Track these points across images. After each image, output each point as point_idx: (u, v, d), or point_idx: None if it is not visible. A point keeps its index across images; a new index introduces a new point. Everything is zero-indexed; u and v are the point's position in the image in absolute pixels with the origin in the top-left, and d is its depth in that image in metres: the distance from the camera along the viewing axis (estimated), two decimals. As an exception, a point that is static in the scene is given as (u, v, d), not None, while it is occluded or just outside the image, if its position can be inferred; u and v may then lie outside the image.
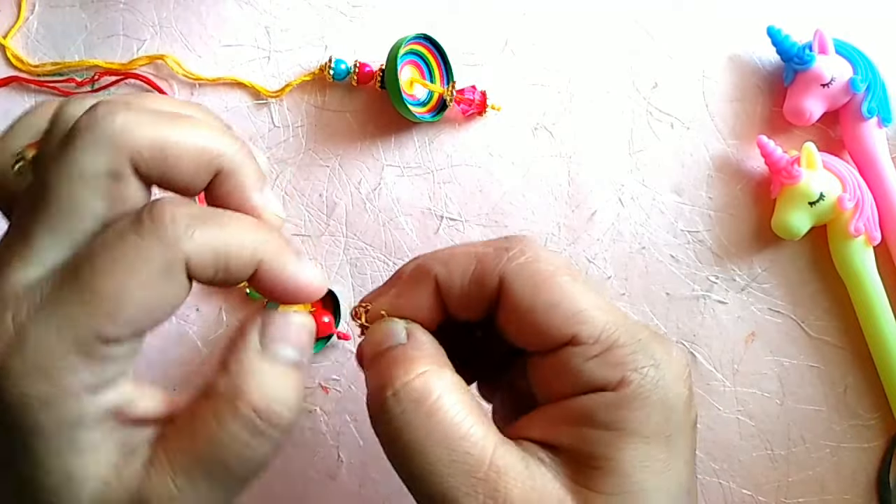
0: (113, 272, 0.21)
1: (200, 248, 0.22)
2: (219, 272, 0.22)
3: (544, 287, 0.24)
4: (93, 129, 0.21)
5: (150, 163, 0.22)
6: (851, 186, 0.38)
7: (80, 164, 0.21)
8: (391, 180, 0.40)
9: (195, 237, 0.22)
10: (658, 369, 0.24)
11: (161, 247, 0.21)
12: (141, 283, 0.21)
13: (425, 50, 0.39)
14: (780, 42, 0.40)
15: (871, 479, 0.39)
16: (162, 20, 0.41)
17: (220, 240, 0.22)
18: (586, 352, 0.24)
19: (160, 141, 0.22)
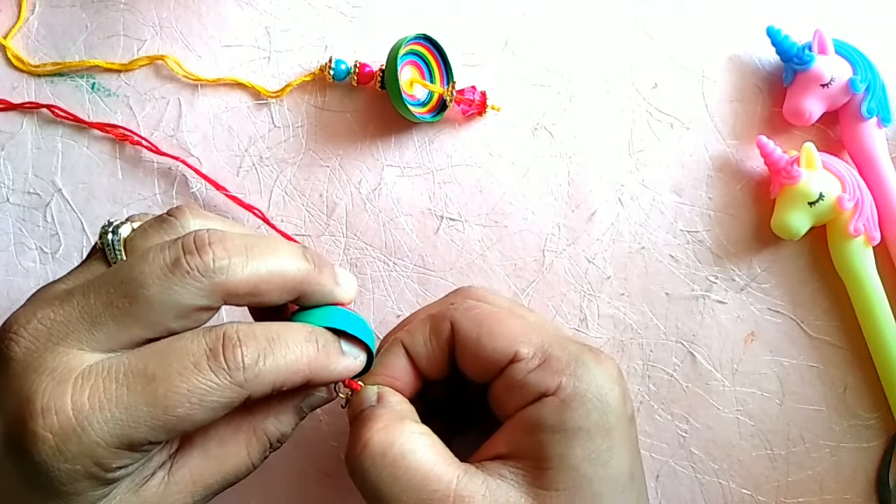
0: (185, 399, 0.24)
1: (263, 385, 0.25)
2: (274, 390, 0.26)
3: (485, 321, 0.29)
4: (203, 272, 0.24)
5: (243, 297, 0.25)
6: (851, 186, 0.38)
7: (180, 298, 0.24)
8: (391, 180, 0.40)
9: (259, 376, 0.25)
10: (590, 372, 0.27)
11: (232, 387, 0.24)
12: (206, 412, 0.24)
13: (425, 50, 0.39)
14: (780, 42, 0.40)
15: (871, 478, 0.39)
16: (162, 20, 0.41)
17: (280, 372, 0.25)
18: (527, 366, 0.28)
19: (255, 279, 0.25)
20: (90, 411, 0.23)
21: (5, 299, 0.39)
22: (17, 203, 0.39)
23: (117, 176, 0.40)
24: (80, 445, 0.22)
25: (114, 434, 0.23)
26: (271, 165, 0.40)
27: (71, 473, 0.23)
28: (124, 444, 0.23)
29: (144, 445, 0.24)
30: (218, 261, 0.24)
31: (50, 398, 0.23)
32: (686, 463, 0.39)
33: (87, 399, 0.23)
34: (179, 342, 0.24)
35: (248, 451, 0.28)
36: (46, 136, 0.40)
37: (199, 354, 0.24)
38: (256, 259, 0.25)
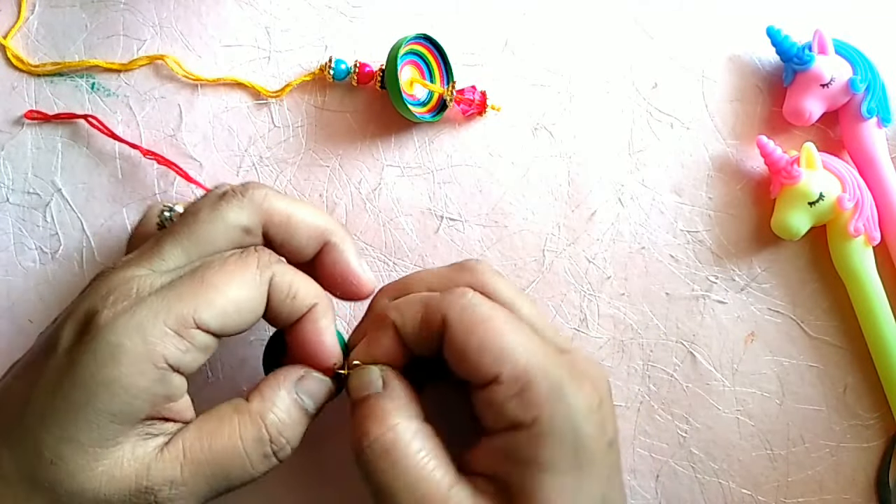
0: (219, 273, 0.28)
1: (283, 275, 0.29)
2: (287, 298, 0.29)
3: (476, 330, 0.28)
4: (244, 193, 0.30)
5: (277, 227, 0.30)
6: (851, 186, 0.38)
7: (227, 214, 0.29)
8: (391, 180, 0.40)
9: (280, 267, 0.29)
10: (568, 405, 0.27)
11: (257, 263, 0.28)
12: (237, 283, 0.28)
13: (425, 50, 0.39)
14: (780, 42, 0.40)
15: (871, 479, 0.39)
16: (162, 20, 0.41)
17: (296, 277, 0.29)
18: (507, 390, 0.27)
19: (288, 213, 0.30)
20: (146, 295, 0.27)
21: (5, 299, 0.39)
22: (16, 203, 0.39)
23: (117, 176, 0.40)
24: (133, 321, 0.26)
25: (162, 309, 0.26)
26: (271, 165, 0.40)
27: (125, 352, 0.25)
28: (172, 322, 0.26)
29: (189, 325, 0.26)
30: (258, 191, 0.30)
31: (118, 291, 0.27)
32: (686, 463, 0.39)
33: (146, 288, 0.27)
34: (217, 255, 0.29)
35: (242, 435, 0.28)
36: (46, 136, 0.40)
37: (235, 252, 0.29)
38: (294, 202, 0.30)
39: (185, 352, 0.27)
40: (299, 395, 0.29)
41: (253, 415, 0.28)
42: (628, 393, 0.39)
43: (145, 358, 0.26)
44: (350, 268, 0.31)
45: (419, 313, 0.29)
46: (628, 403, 0.39)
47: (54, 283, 0.39)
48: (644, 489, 0.38)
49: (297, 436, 0.29)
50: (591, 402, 0.28)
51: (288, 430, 0.29)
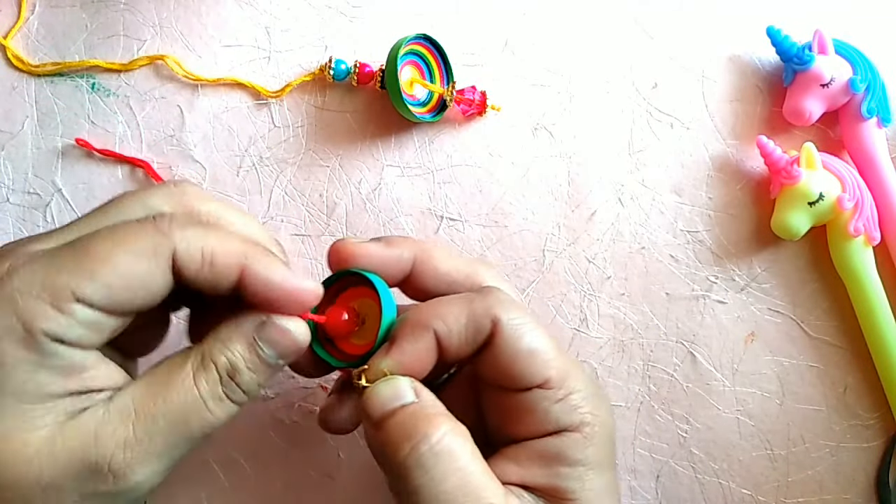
0: (106, 241, 0.24)
1: (190, 242, 0.25)
2: (204, 266, 0.25)
3: (528, 335, 0.28)
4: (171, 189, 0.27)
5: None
6: (851, 186, 0.38)
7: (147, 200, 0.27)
8: (391, 180, 0.40)
9: (187, 232, 0.25)
10: (603, 408, 0.29)
11: (154, 232, 0.24)
12: (126, 255, 0.24)
13: (425, 50, 0.39)
14: (780, 42, 0.40)
15: (871, 479, 0.39)
16: (162, 20, 0.41)
17: (209, 239, 0.25)
18: (554, 395, 0.27)
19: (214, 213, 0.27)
20: (21, 265, 0.24)
21: (5, 299, 0.39)
22: (17, 203, 0.39)
23: (117, 176, 0.40)
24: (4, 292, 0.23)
25: (36, 280, 0.23)
26: (271, 165, 0.40)
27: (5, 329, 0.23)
28: (47, 295, 0.23)
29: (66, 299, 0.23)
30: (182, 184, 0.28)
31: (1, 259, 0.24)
32: (686, 463, 0.39)
33: (27, 256, 0.24)
34: None
35: (196, 381, 0.25)
36: (46, 136, 0.40)
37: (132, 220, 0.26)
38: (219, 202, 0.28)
39: (68, 327, 0.23)
40: (258, 342, 0.26)
41: (206, 359, 0.26)
42: (628, 393, 0.39)
43: (21, 332, 0.23)
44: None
45: (463, 317, 0.27)
46: (628, 403, 0.39)
47: (54, 283, 0.39)
48: (644, 489, 0.38)
49: (253, 384, 0.26)
50: (609, 404, 0.30)
51: (242, 376, 0.26)
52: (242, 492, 0.38)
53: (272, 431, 0.38)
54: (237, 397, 0.26)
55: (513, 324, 0.27)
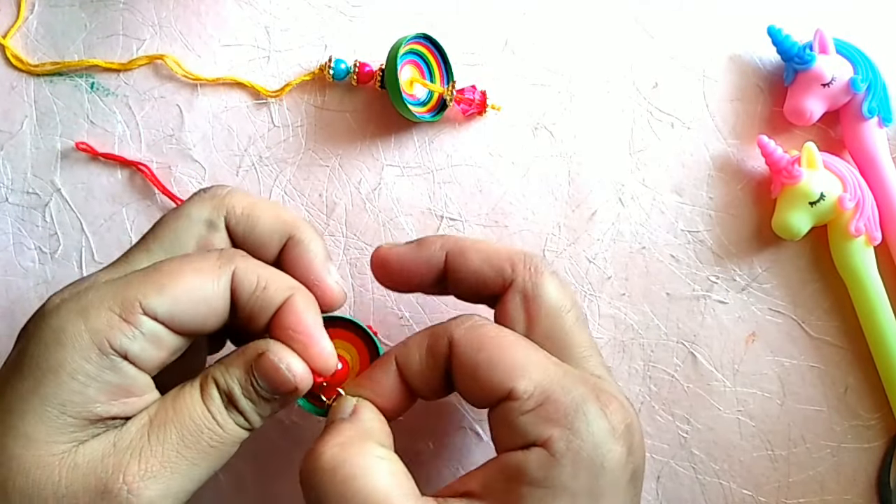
0: (177, 261, 0.26)
1: (248, 267, 0.27)
2: (258, 290, 0.26)
3: (486, 345, 0.27)
4: (205, 191, 0.29)
5: (238, 219, 0.28)
6: (852, 186, 0.38)
7: (189, 209, 0.28)
8: (391, 180, 0.40)
9: (247, 261, 0.27)
10: (590, 427, 0.25)
11: (217, 255, 0.27)
12: (192, 273, 0.26)
13: (425, 50, 0.39)
14: (781, 42, 0.39)
15: (872, 479, 0.39)
16: (161, 20, 0.41)
17: (265, 270, 0.27)
18: (521, 406, 0.25)
19: (250, 206, 0.29)
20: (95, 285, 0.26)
21: (4, 299, 0.39)
22: (16, 203, 0.39)
23: (116, 176, 0.40)
24: (77, 305, 0.25)
25: (108, 293, 0.25)
26: (271, 165, 0.40)
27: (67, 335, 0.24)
28: (117, 306, 0.25)
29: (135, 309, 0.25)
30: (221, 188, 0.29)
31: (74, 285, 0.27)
32: (687, 464, 0.38)
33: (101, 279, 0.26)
34: None
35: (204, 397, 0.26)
36: (45, 136, 0.40)
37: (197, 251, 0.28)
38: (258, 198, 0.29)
39: (133, 339, 0.25)
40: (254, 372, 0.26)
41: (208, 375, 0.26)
42: (629, 393, 0.39)
43: (88, 341, 0.24)
44: (313, 266, 0.28)
45: (424, 342, 0.28)
46: (629, 404, 0.39)
47: (54, 283, 0.39)
48: (645, 490, 0.38)
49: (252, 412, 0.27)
50: (617, 426, 0.25)
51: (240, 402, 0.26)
52: (242, 492, 0.38)
53: (272, 432, 0.38)
54: (240, 421, 0.27)
55: (468, 336, 0.27)
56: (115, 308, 0.25)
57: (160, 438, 0.25)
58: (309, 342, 0.26)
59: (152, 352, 0.25)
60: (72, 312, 0.25)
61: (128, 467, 0.24)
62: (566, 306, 0.29)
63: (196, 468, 0.26)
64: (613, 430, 0.25)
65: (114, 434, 0.25)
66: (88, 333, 0.24)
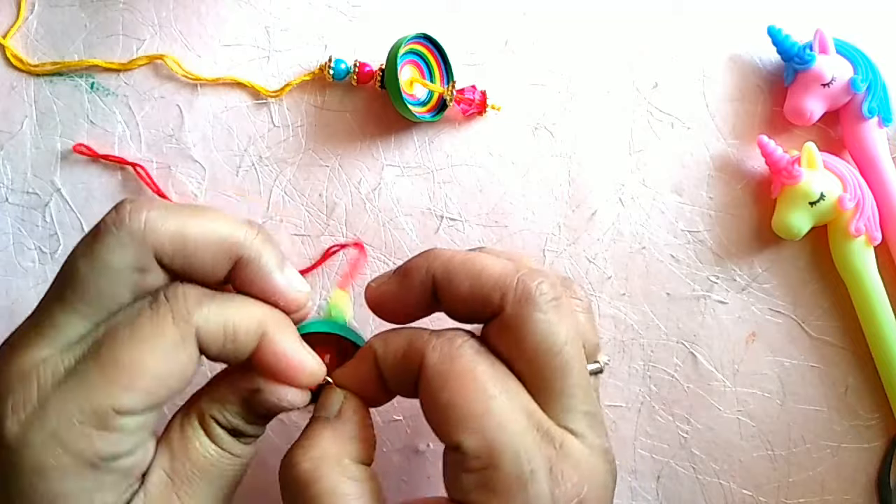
0: (131, 345, 0.23)
1: (210, 320, 0.24)
2: (227, 343, 0.25)
3: (449, 385, 0.24)
4: (119, 226, 0.24)
5: (172, 255, 0.24)
6: (852, 186, 0.38)
7: (108, 260, 0.24)
8: (391, 180, 0.40)
9: (205, 311, 0.24)
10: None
11: (174, 321, 0.24)
12: (155, 354, 0.23)
13: (425, 50, 0.39)
14: (781, 42, 0.39)
15: (872, 479, 0.39)
16: (161, 20, 0.41)
17: (228, 313, 0.25)
18: (466, 463, 0.24)
19: (180, 235, 0.24)
20: (50, 391, 0.23)
21: (4, 299, 0.39)
22: (16, 203, 0.39)
23: (116, 176, 0.40)
24: (44, 431, 0.22)
25: (75, 408, 0.23)
26: (271, 165, 0.40)
27: (51, 469, 0.22)
28: (89, 420, 0.23)
29: (111, 417, 0.23)
30: (136, 216, 0.24)
31: (18, 391, 0.23)
32: (687, 464, 0.38)
33: (48, 380, 0.23)
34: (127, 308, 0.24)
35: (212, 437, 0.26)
36: (45, 136, 0.40)
37: (142, 306, 0.24)
38: (183, 215, 0.25)
39: (120, 442, 0.23)
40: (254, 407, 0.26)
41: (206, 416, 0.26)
42: (629, 394, 0.39)
43: (74, 467, 0.23)
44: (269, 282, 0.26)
45: (402, 349, 0.26)
46: (629, 404, 0.39)
47: (53, 284, 0.39)
48: (645, 490, 0.38)
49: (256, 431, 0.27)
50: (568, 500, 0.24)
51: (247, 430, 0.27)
52: (241, 492, 0.38)
53: (271, 432, 0.38)
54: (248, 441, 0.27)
55: (436, 369, 0.25)
56: (88, 423, 0.23)
57: (190, 493, 0.25)
58: (295, 372, 0.26)
59: (142, 436, 0.24)
60: (44, 441, 0.22)
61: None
62: (555, 345, 0.25)
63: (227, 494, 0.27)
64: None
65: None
66: (72, 459, 0.23)
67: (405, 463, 0.38)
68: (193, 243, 0.24)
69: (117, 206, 0.24)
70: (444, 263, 0.26)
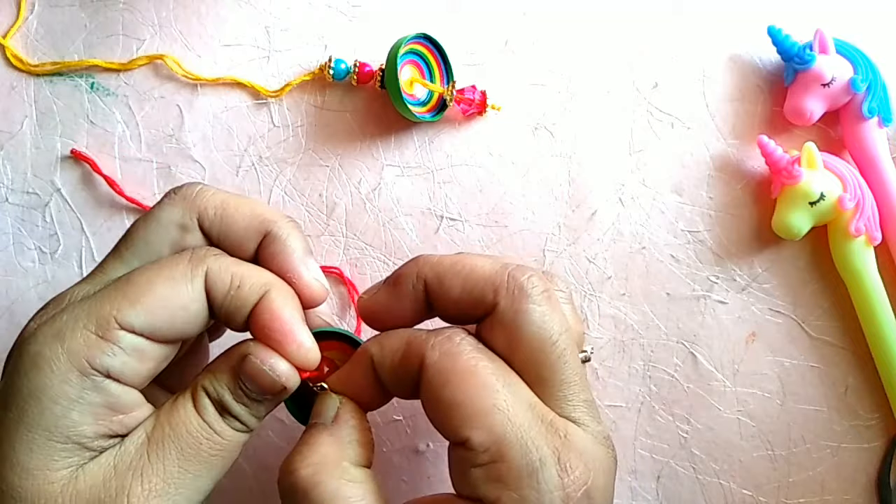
0: (145, 271, 0.26)
1: (221, 267, 0.26)
2: (231, 290, 0.26)
3: (451, 382, 0.25)
4: (175, 192, 0.28)
5: (212, 220, 0.27)
6: (852, 186, 0.38)
7: (159, 215, 0.27)
8: (391, 180, 0.40)
9: (219, 260, 0.26)
10: (541, 495, 0.23)
11: (188, 258, 0.26)
12: (165, 279, 0.25)
13: (425, 50, 0.39)
14: (781, 42, 0.39)
15: (872, 479, 0.39)
16: (161, 20, 0.41)
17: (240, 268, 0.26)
18: (474, 458, 0.24)
19: (222, 204, 0.28)
20: (72, 305, 0.25)
21: (4, 299, 0.39)
22: (16, 203, 0.39)
23: (116, 176, 0.40)
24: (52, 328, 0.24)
25: (83, 313, 0.25)
26: (271, 165, 0.40)
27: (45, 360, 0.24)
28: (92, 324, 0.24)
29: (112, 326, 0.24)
30: (191, 187, 0.28)
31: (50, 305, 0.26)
32: (687, 464, 0.38)
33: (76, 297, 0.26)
34: None
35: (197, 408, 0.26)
36: (45, 136, 0.40)
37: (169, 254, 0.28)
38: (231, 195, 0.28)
39: (113, 355, 0.24)
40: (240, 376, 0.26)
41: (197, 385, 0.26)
42: (629, 393, 0.39)
43: (66, 363, 0.24)
44: (290, 261, 0.27)
45: (400, 350, 0.26)
46: (629, 404, 0.39)
47: (53, 283, 0.39)
48: (645, 490, 0.38)
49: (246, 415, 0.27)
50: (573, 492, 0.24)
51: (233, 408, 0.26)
52: (241, 492, 0.38)
53: (271, 431, 0.38)
54: (237, 426, 0.27)
55: (437, 367, 0.25)
56: (90, 327, 0.24)
57: (160, 456, 0.25)
58: (286, 339, 0.26)
59: (136, 365, 0.25)
60: (48, 336, 0.24)
61: (131, 489, 0.24)
62: (551, 337, 0.26)
63: (200, 479, 0.26)
64: (567, 497, 0.24)
65: (113, 455, 0.25)
66: (66, 355, 0.24)
67: (405, 463, 0.38)
68: (232, 212, 0.27)
69: (179, 185, 0.28)
70: (433, 267, 0.27)
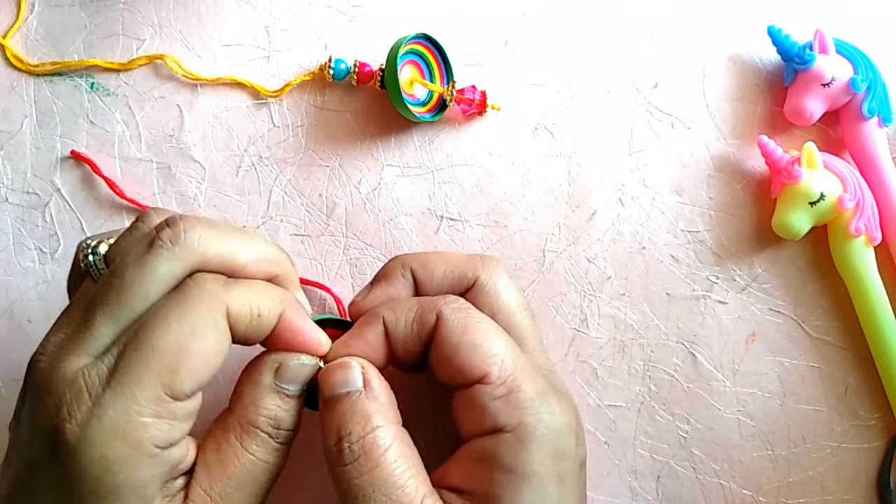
0: (168, 328, 0.25)
1: (238, 301, 0.26)
2: (253, 319, 0.27)
3: (471, 328, 0.28)
4: (175, 242, 0.26)
5: (216, 268, 0.27)
6: (852, 186, 0.38)
7: (157, 268, 0.25)
8: (391, 180, 0.40)
9: (232, 290, 0.26)
10: (553, 415, 0.27)
11: (205, 299, 0.25)
12: (194, 333, 0.25)
13: (425, 50, 0.39)
14: (781, 42, 0.39)
15: (872, 479, 0.39)
16: (161, 20, 0.41)
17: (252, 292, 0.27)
18: (493, 391, 0.27)
19: (228, 254, 0.27)
20: (101, 391, 0.24)
21: (4, 299, 0.39)
22: (16, 203, 0.39)
23: (116, 175, 0.40)
24: (104, 427, 0.24)
25: (128, 400, 0.24)
26: (271, 165, 0.40)
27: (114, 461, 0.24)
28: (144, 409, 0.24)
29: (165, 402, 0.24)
30: (192, 234, 0.26)
31: (69, 400, 0.24)
32: (687, 464, 0.38)
33: (95, 384, 0.24)
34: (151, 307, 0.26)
35: (245, 445, 0.27)
36: (45, 136, 0.40)
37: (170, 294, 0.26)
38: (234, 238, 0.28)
39: (171, 429, 0.25)
40: (280, 387, 0.28)
41: (243, 423, 0.28)
42: (629, 393, 0.39)
43: (135, 456, 0.24)
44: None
45: (413, 310, 0.29)
46: (629, 404, 0.39)
47: (53, 283, 0.39)
48: (645, 490, 0.38)
49: (292, 419, 0.29)
50: (571, 419, 0.28)
51: (284, 422, 0.28)
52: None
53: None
54: (284, 438, 0.28)
55: (456, 317, 0.28)
56: (144, 413, 0.24)
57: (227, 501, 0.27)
58: (306, 343, 0.29)
59: (189, 423, 0.26)
60: (106, 437, 0.24)
61: None
62: (522, 304, 0.31)
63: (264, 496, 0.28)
64: (569, 422, 0.28)
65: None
66: (132, 449, 0.24)
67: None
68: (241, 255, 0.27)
69: (169, 221, 0.26)
70: (415, 258, 0.31)
